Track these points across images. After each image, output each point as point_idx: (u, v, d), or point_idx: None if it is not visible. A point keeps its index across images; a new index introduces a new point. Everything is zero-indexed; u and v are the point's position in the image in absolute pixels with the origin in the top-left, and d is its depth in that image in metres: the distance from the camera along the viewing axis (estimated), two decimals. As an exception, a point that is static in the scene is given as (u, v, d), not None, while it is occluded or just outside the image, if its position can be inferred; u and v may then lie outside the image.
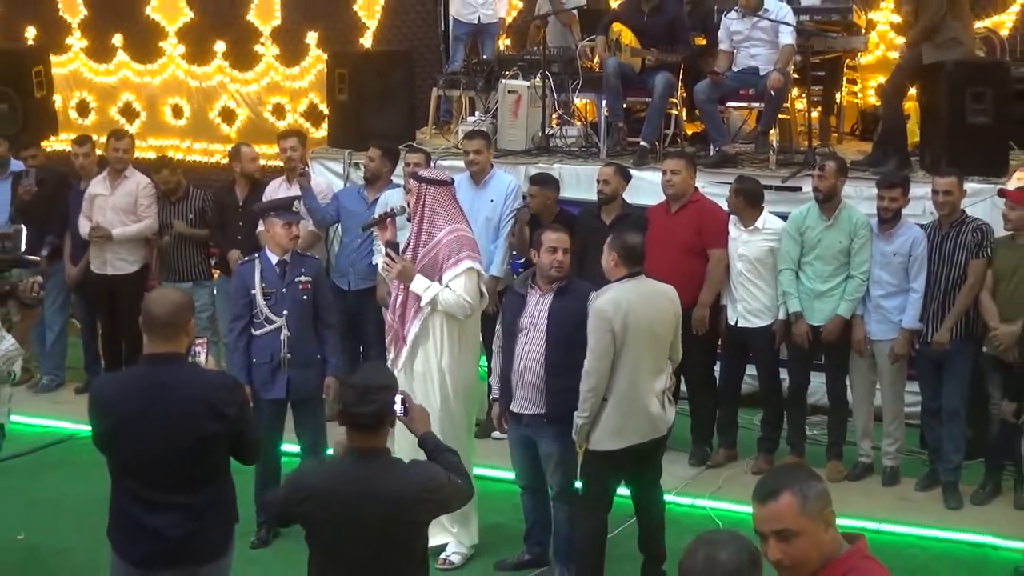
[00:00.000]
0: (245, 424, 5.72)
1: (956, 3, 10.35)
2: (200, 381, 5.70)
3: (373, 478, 5.03)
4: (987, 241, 8.94)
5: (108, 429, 5.66)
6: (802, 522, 3.83)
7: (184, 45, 15.10)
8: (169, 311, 5.64)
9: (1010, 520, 8.76)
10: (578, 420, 7.36)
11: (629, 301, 7.26)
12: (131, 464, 5.62)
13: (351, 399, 5.08)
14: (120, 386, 5.89)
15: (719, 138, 11.11)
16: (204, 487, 5.64)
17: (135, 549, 5.67)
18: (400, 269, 7.91)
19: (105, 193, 11.02)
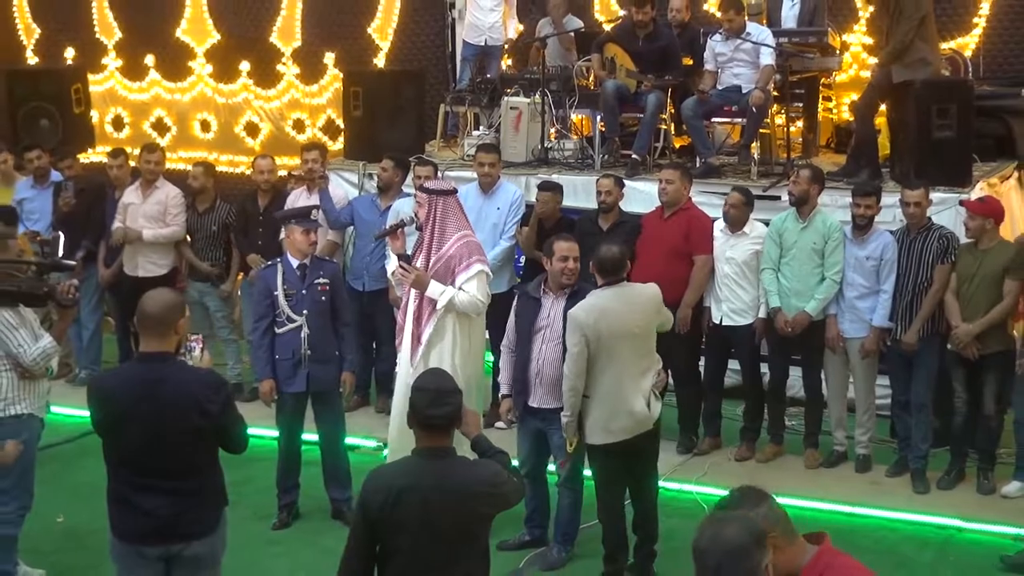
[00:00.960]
0: (228, 419, 5.70)
1: (924, 26, 10.36)
2: (188, 379, 5.71)
3: (446, 474, 5.00)
4: (952, 248, 8.97)
5: (104, 420, 5.71)
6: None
7: (212, 65, 15.10)
8: (160, 310, 5.65)
9: (974, 504, 8.78)
10: (563, 418, 7.42)
11: (604, 308, 7.26)
12: (124, 452, 5.66)
13: (425, 403, 5.03)
14: (116, 381, 5.92)
15: (705, 151, 11.12)
16: (192, 474, 5.67)
17: (129, 528, 5.72)
18: (414, 279, 7.95)
19: (137, 202, 11.02)
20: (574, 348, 7.25)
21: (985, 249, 8.85)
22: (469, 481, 5.02)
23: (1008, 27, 11.93)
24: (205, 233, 11.04)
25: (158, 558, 5.72)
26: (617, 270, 7.37)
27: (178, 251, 11.13)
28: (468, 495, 4.98)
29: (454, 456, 5.11)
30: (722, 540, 3.53)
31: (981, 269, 8.82)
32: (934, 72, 10.52)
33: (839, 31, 11.95)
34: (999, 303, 8.73)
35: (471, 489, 5.00)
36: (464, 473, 5.06)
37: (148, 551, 5.70)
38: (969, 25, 11.91)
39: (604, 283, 7.36)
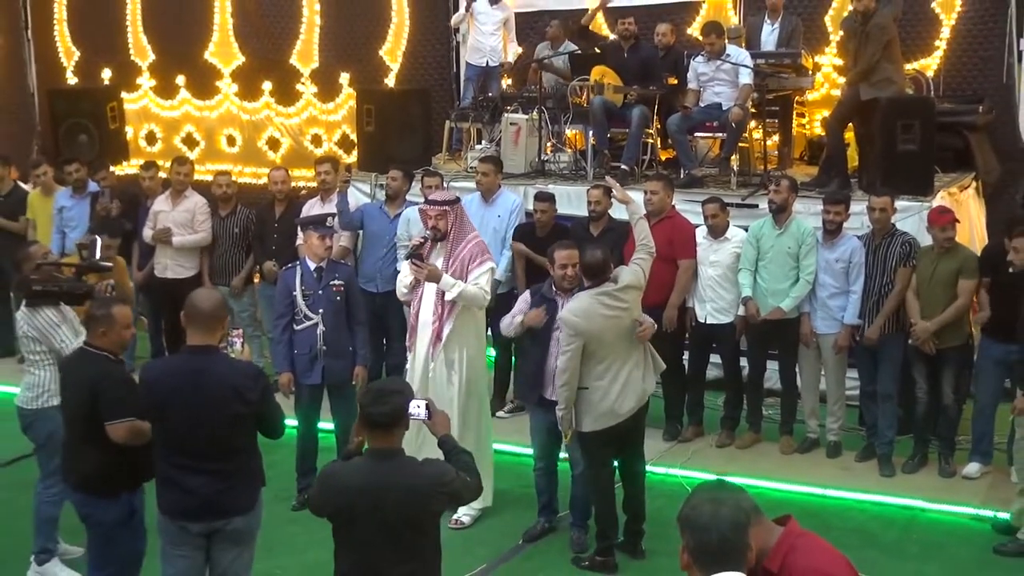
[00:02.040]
0: (266, 407, 5.77)
1: (889, 49, 10.37)
2: (229, 370, 5.77)
3: (391, 473, 4.92)
4: (913, 252, 9.00)
5: (152, 407, 5.77)
6: None
7: (237, 84, 15.09)
8: (210, 307, 5.77)
9: (935, 486, 8.78)
10: (558, 412, 7.38)
11: (589, 308, 7.24)
12: (171, 436, 5.71)
13: (368, 400, 5.01)
14: (164, 371, 5.94)
15: (688, 163, 11.12)
16: (233, 456, 5.73)
17: (175, 505, 5.76)
18: (428, 272, 7.94)
19: (167, 210, 11.00)
20: (568, 348, 7.22)
21: (941, 252, 8.84)
22: (415, 481, 4.93)
23: (966, 49, 11.90)
24: (228, 236, 11.01)
25: (200, 533, 5.78)
26: (600, 272, 7.34)
27: (203, 255, 11.09)
28: (416, 494, 4.91)
29: (402, 456, 5.03)
30: (722, 516, 3.50)
31: (938, 271, 8.83)
32: (899, 91, 10.54)
33: (812, 53, 11.92)
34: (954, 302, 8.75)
35: (417, 488, 4.92)
36: (410, 473, 4.96)
37: (192, 527, 5.77)
38: (931, 48, 11.90)
39: (590, 284, 7.35)
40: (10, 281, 11.50)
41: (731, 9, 12.71)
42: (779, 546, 3.79)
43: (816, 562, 3.80)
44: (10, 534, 7.95)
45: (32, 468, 7.66)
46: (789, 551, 3.79)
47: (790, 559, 3.77)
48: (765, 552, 3.77)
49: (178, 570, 5.83)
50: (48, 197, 11.65)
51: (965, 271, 8.76)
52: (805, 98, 12.00)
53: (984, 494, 8.62)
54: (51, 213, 11.50)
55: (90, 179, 11.60)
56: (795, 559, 3.78)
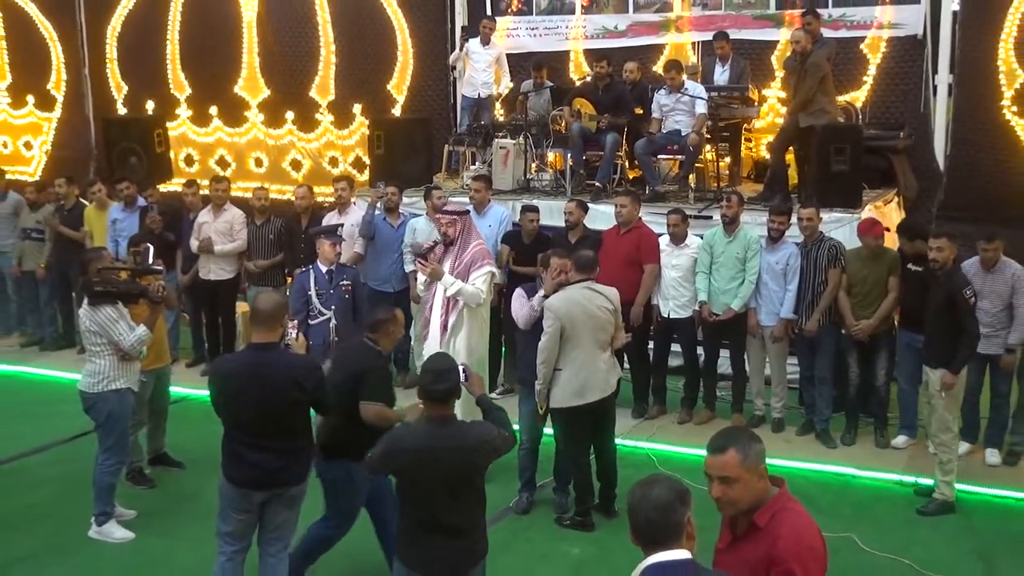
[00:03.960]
0: (320, 393, 5.84)
1: (824, 84, 10.41)
2: (289, 363, 5.87)
3: (448, 436, 5.07)
4: (840, 255, 8.99)
5: (221, 395, 5.83)
6: (741, 472, 3.74)
7: (263, 114, 15.01)
8: (271, 308, 5.84)
9: (867, 456, 8.80)
10: (536, 386, 7.37)
11: (573, 300, 7.29)
12: (238, 419, 5.79)
13: (428, 380, 5.14)
14: (232, 366, 6.00)
15: (652, 181, 11.10)
16: (290, 436, 5.81)
17: (241, 476, 5.83)
18: (431, 271, 7.99)
19: (209, 221, 10.93)
20: (549, 329, 7.25)
21: (871, 256, 8.83)
22: (466, 440, 5.08)
23: (889, 84, 11.90)
24: (263, 241, 10.92)
25: (259, 500, 5.88)
26: (590, 269, 7.43)
27: (240, 260, 11.02)
28: (467, 451, 5.06)
29: (455, 421, 5.20)
30: (649, 499, 3.49)
31: (869, 271, 8.82)
32: (832, 119, 10.55)
33: (758, 87, 11.93)
34: (886, 297, 8.74)
35: (467, 446, 5.06)
36: (461, 435, 5.11)
37: (255, 495, 5.85)
38: (859, 82, 11.90)
39: (578, 279, 7.37)
40: (74, 283, 11.61)
41: (689, 50, 12.69)
42: (772, 504, 3.78)
43: (801, 527, 3.79)
44: (75, 500, 7.90)
45: (92, 443, 7.62)
46: (780, 510, 3.78)
47: (780, 516, 3.77)
48: (758, 506, 3.77)
49: (233, 528, 5.92)
50: (103, 211, 11.57)
51: (894, 270, 8.75)
52: (752, 125, 11.98)
53: (907, 463, 8.62)
54: (105, 225, 11.43)
55: (139, 195, 11.52)
56: (784, 517, 3.77)
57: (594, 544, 7.36)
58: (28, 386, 10.99)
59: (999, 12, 11.17)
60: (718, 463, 3.76)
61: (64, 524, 7.67)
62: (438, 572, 5.09)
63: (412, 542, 5.13)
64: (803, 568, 3.68)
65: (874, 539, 7.31)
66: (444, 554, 5.06)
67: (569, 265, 7.49)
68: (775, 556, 3.68)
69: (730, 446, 3.78)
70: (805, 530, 3.78)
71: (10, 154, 16.52)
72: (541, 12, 13.50)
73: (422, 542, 5.08)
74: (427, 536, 5.06)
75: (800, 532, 3.75)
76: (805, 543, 3.73)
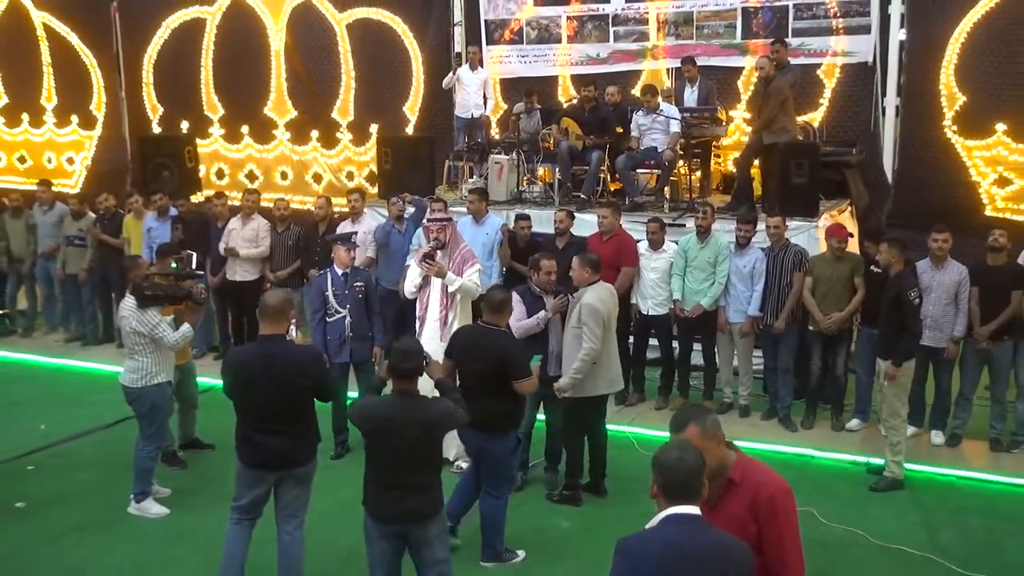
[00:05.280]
0: (324, 380, 5.85)
1: (785, 105, 10.44)
2: (295, 352, 5.83)
3: (409, 408, 5.22)
4: (803, 259, 9.00)
5: (235, 383, 5.79)
6: (703, 442, 3.79)
7: (289, 133, 14.99)
8: (278, 304, 5.82)
9: (825, 438, 8.82)
10: (576, 377, 7.15)
11: (604, 297, 7.28)
12: (251, 406, 5.74)
13: (398, 359, 5.24)
14: (243, 356, 5.93)
15: (632, 193, 11.11)
16: (296, 420, 5.76)
17: (254, 458, 5.80)
18: (437, 269, 7.99)
19: (238, 228, 10.93)
20: (598, 328, 7.09)
21: (835, 259, 8.85)
22: (428, 413, 5.24)
23: (843, 107, 11.96)
24: (283, 246, 10.91)
25: (270, 479, 5.85)
26: (600, 268, 7.43)
27: (264, 263, 10.99)
28: (425, 422, 5.20)
29: (418, 396, 5.32)
30: (686, 461, 3.53)
31: (835, 273, 8.83)
32: (792, 137, 10.59)
33: (726, 108, 11.94)
34: (852, 296, 8.76)
35: (429, 418, 5.23)
36: (424, 407, 5.27)
37: (267, 475, 5.83)
38: (817, 104, 11.95)
39: (595, 280, 7.33)
40: (112, 284, 11.60)
41: (664, 75, 12.72)
42: (738, 463, 3.91)
43: (769, 474, 3.94)
44: (116, 479, 7.90)
45: (131, 428, 7.62)
46: (746, 466, 3.91)
47: (747, 469, 3.90)
48: (726, 466, 3.88)
49: (246, 503, 5.91)
50: (139, 220, 11.53)
51: (858, 272, 8.76)
52: (720, 143, 12.00)
53: (860, 444, 8.65)
54: (142, 232, 11.39)
55: (171, 205, 11.51)
56: (752, 468, 3.92)
57: (581, 517, 7.36)
58: (72, 377, 10.97)
59: (941, 42, 11.22)
60: (679, 441, 3.82)
61: (107, 501, 7.66)
62: (393, 522, 5.25)
63: (374, 496, 5.28)
64: (784, 502, 3.85)
65: (831, 512, 7.32)
66: (400, 508, 5.21)
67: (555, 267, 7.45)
68: (760, 499, 3.79)
69: (689, 422, 3.88)
70: (776, 476, 3.94)
71: (54, 168, 16.47)
72: (531, 41, 13.51)
73: (382, 496, 5.23)
74: (386, 491, 5.21)
75: (774, 477, 3.92)
76: (782, 486, 3.89)
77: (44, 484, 8.05)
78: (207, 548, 6.56)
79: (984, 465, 8.25)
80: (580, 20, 13.18)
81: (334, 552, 6.76)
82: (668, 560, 3.38)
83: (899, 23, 11.54)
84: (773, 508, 3.79)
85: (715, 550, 3.44)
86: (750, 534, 3.72)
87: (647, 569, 3.37)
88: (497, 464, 6.50)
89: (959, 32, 11.13)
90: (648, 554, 3.40)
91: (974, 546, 6.93)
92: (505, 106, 13.39)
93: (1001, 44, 10.98)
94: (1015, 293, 8.31)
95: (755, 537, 3.75)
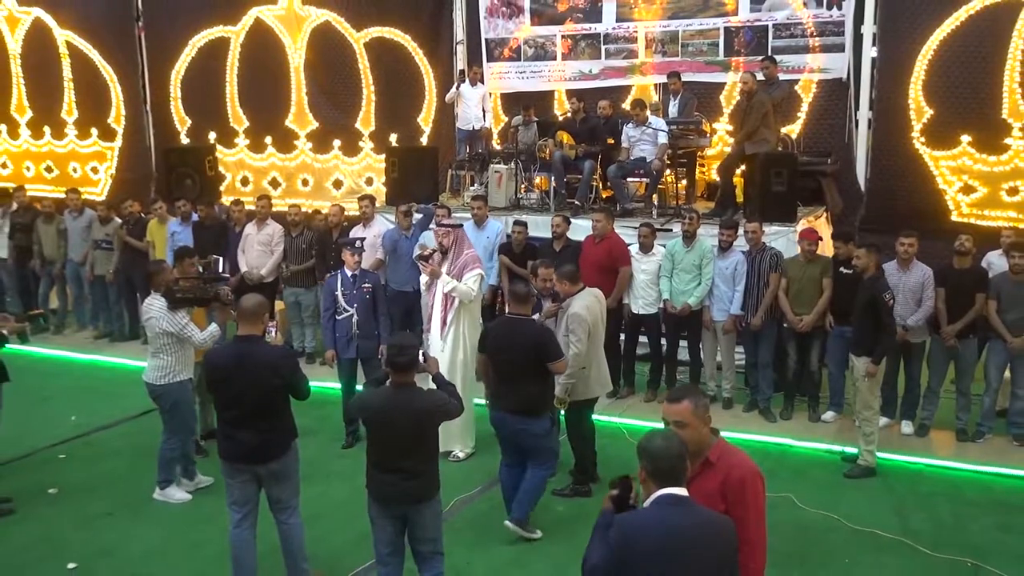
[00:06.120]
0: (295, 378, 5.73)
1: (766, 118, 10.41)
2: (268, 352, 5.75)
3: (407, 399, 5.24)
4: (780, 262, 9.02)
5: (213, 379, 5.76)
6: (692, 419, 3.90)
7: (310, 143, 14.95)
8: (254, 307, 5.77)
9: (802, 429, 8.81)
10: (569, 383, 6.96)
11: (590, 304, 7.11)
12: (226, 403, 5.70)
13: (394, 353, 5.26)
14: (221, 354, 5.84)
15: (622, 199, 11.08)
16: (270, 416, 5.67)
17: (230, 452, 5.76)
18: (431, 271, 8.04)
19: (253, 233, 10.92)
20: (584, 335, 6.95)
21: (807, 261, 8.85)
22: (423, 404, 5.26)
23: (819, 120, 11.93)
24: (296, 249, 10.88)
25: (249, 472, 5.77)
26: (579, 277, 7.22)
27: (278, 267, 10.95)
28: (419, 412, 5.22)
29: (414, 387, 5.30)
30: (673, 448, 3.57)
31: (806, 274, 8.83)
32: (772, 148, 10.56)
33: (710, 121, 11.93)
34: (821, 296, 8.75)
35: (424, 408, 5.25)
36: (419, 399, 5.28)
37: (242, 467, 5.75)
38: (795, 117, 11.92)
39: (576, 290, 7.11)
40: (137, 285, 11.60)
41: (652, 90, 12.71)
42: (717, 446, 3.97)
43: (746, 459, 4.00)
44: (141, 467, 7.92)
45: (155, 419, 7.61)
46: (725, 450, 3.97)
47: (724, 452, 3.96)
48: (707, 446, 3.94)
49: (235, 496, 5.85)
50: (163, 225, 11.52)
51: (826, 273, 8.76)
52: (705, 153, 11.98)
53: (835, 434, 8.64)
54: (166, 236, 11.38)
55: (193, 211, 11.49)
56: (729, 452, 3.98)
57: (575, 502, 7.36)
58: (101, 371, 10.96)
59: (910, 59, 11.22)
60: (673, 410, 3.93)
61: (134, 487, 7.66)
62: (391, 503, 5.29)
63: (373, 477, 5.31)
64: (753, 485, 3.90)
65: (808, 498, 7.34)
66: (396, 490, 5.24)
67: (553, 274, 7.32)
68: (731, 479, 3.86)
69: (684, 397, 3.94)
70: (749, 460, 4.00)
71: (79, 177, 16.46)
72: (528, 58, 13.50)
73: (380, 479, 5.27)
74: (384, 475, 5.25)
75: (746, 461, 3.97)
76: (752, 469, 3.95)
77: (75, 471, 8.06)
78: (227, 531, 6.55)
79: (951, 454, 8.26)
80: (574, 39, 13.18)
81: (346, 536, 6.76)
82: (662, 537, 3.43)
83: (871, 41, 11.54)
84: (742, 489, 3.86)
85: (704, 527, 3.51)
86: (719, 511, 3.76)
87: (644, 545, 3.42)
88: (537, 443, 6.60)
89: (926, 50, 11.13)
90: (645, 530, 3.46)
91: (942, 529, 6.95)
92: (505, 119, 13.39)
93: (965, 61, 10.98)
94: (979, 295, 8.32)
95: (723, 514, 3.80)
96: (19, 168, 17.19)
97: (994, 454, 8.20)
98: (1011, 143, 10.86)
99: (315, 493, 7.13)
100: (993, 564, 6.38)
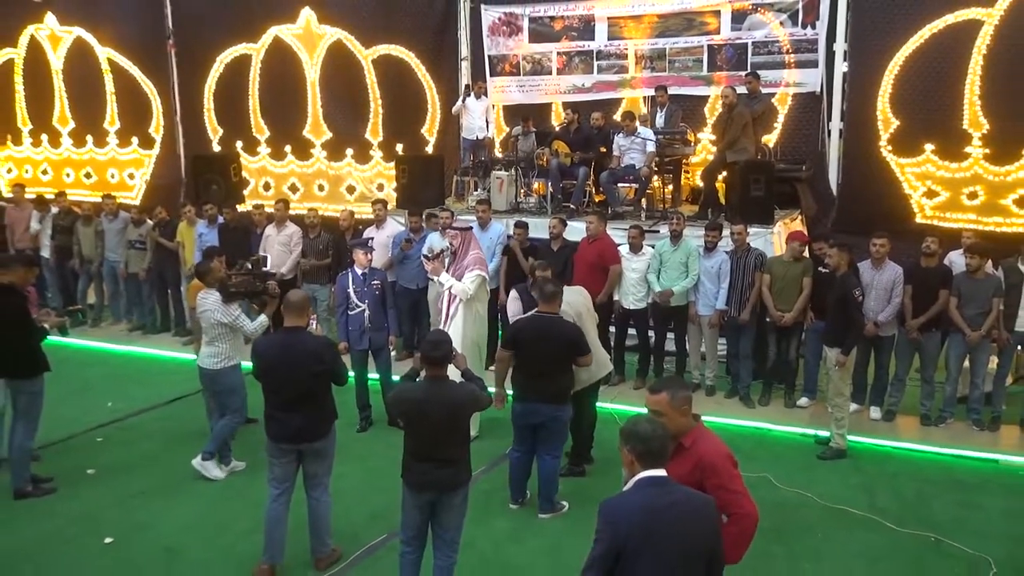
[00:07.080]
0: (336, 365, 5.78)
1: (745, 128, 10.41)
2: (311, 342, 5.79)
3: (441, 392, 5.18)
4: (763, 261, 9.03)
5: (261, 367, 5.79)
6: (667, 409, 3.95)
7: (325, 151, 14.91)
8: (299, 301, 5.84)
9: (778, 414, 8.83)
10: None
11: (571, 299, 7.05)
12: (274, 387, 5.73)
13: (428, 348, 5.21)
14: (268, 344, 5.89)
15: (614, 203, 11.07)
16: (314, 400, 5.73)
17: (277, 433, 5.78)
18: (432, 268, 8.04)
19: (273, 234, 10.91)
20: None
21: (791, 261, 8.86)
22: (456, 395, 5.21)
23: (794, 130, 11.91)
24: (314, 249, 10.87)
25: (294, 451, 5.82)
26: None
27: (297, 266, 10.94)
28: (453, 403, 5.16)
29: (448, 381, 5.26)
30: (659, 432, 3.59)
31: (789, 273, 8.84)
32: (751, 156, 10.55)
33: (694, 131, 11.93)
34: (801, 294, 8.76)
35: (457, 400, 5.19)
36: (453, 391, 5.23)
37: (287, 447, 5.79)
38: (772, 128, 11.91)
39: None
40: (168, 281, 11.65)
41: (641, 102, 12.70)
42: (693, 431, 4.00)
43: (717, 443, 4.04)
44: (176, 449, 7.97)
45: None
46: (699, 437, 4.00)
47: (699, 439, 3.99)
48: (682, 432, 3.97)
49: (276, 473, 5.89)
50: (191, 227, 11.53)
51: (807, 273, 8.77)
52: (690, 161, 11.97)
53: (809, 419, 8.66)
54: (194, 238, 11.39)
55: (219, 214, 11.50)
56: (704, 435, 4.03)
57: (572, 482, 7.37)
58: (135, 361, 10.95)
59: (878, 74, 11.22)
60: (652, 400, 4.00)
61: (167, 467, 7.69)
62: (427, 490, 5.23)
63: (410, 466, 5.25)
64: (724, 466, 3.94)
65: (784, 478, 7.36)
66: (432, 478, 5.19)
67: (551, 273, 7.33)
68: (702, 464, 3.90)
69: (663, 389, 4.00)
70: (720, 445, 4.03)
71: (116, 183, 16.48)
72: (527, 73, 13.50)
73: (417, 467, 5.21)
74: (420, 463, 5.19)
75: (717, 446, 4.01)
76: (722, 452, 3.99)
77: (112, 453, 8.07)
78: (255, 507, 6.57)
79: (915, 437, 8.29)
80: (568, 55, 13.18)
81: (362, 512, 6.78)
82: (645, 517, 3.42)
83: (842, 58, 11.54)
84: (713, 466, 3.91)
85: (684, 505, 3.50)
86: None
87: (628, 526, 3.41)
88: (560, 429, 6.71)
89: (893, 65, 11.14)
90: (628, 513, 3.44)
91: (906, 506, 6.98)
92: (506, 129, 13.38)
93: (929, 76, 10.99)
94: (942, 292, 8.35)
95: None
96: (59, 175, 17.20)
97: (955, 438, 8.24)
98: (971, 151, 10.88)
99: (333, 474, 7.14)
100: (953, 538, 6.42)
